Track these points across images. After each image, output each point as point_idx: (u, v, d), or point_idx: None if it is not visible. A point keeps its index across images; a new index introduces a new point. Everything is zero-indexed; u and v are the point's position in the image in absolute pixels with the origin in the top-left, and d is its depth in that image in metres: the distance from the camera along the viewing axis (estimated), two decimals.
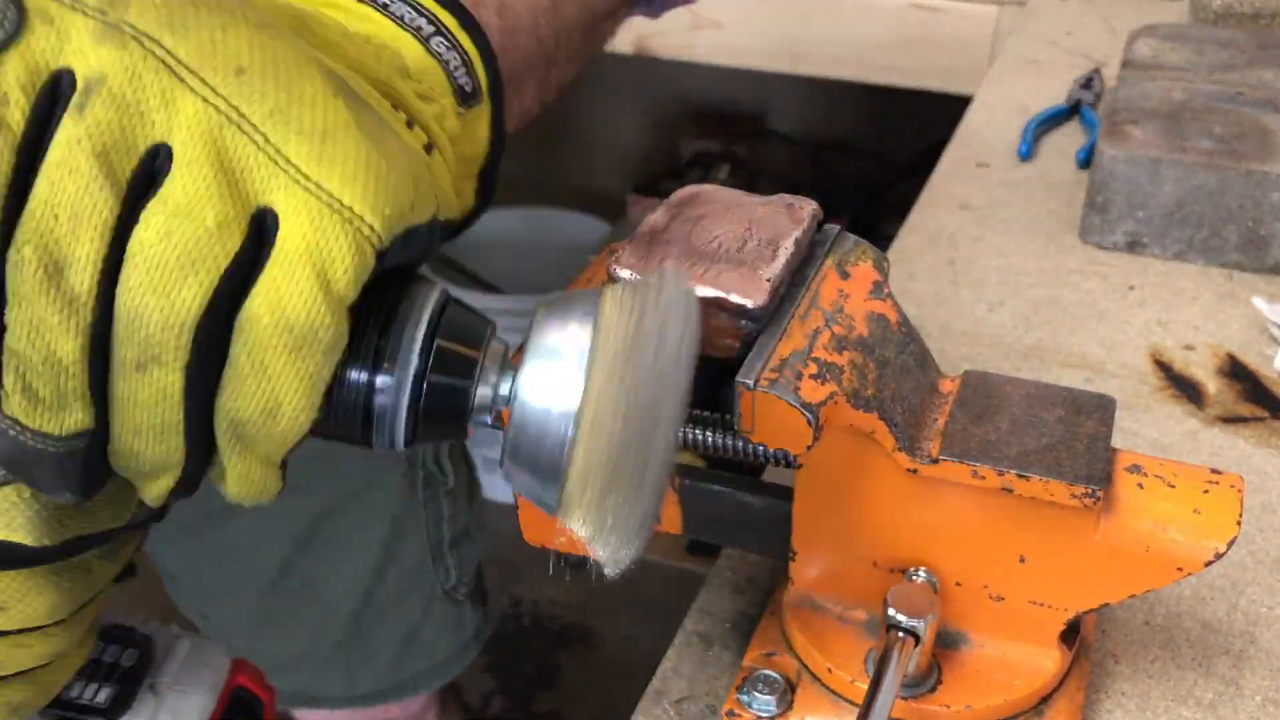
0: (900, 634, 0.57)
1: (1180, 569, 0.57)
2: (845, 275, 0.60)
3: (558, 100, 1.01)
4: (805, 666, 0.64)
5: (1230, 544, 0.56)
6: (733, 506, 0.65)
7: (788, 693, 0.63)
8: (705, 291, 0.53)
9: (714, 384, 0.58)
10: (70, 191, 0.36)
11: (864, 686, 0.60)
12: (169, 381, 0.38)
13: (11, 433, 0.37)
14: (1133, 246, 1.07)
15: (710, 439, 0.62)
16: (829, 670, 0.62)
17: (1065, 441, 0.57)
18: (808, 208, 0.59)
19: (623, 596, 1.36)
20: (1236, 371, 0.92)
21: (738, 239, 0.56)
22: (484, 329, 0.46)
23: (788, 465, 0.63)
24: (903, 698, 0.60)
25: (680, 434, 0.52)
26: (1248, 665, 0.68)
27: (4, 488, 0.41)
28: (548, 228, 2.65)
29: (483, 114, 0.55)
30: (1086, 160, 1.22)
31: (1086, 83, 1.37)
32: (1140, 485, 0.58)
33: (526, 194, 2.66)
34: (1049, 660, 0.62)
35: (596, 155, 2.89)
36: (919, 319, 0.64)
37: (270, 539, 1.05)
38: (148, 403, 0.38)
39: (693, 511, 0.66)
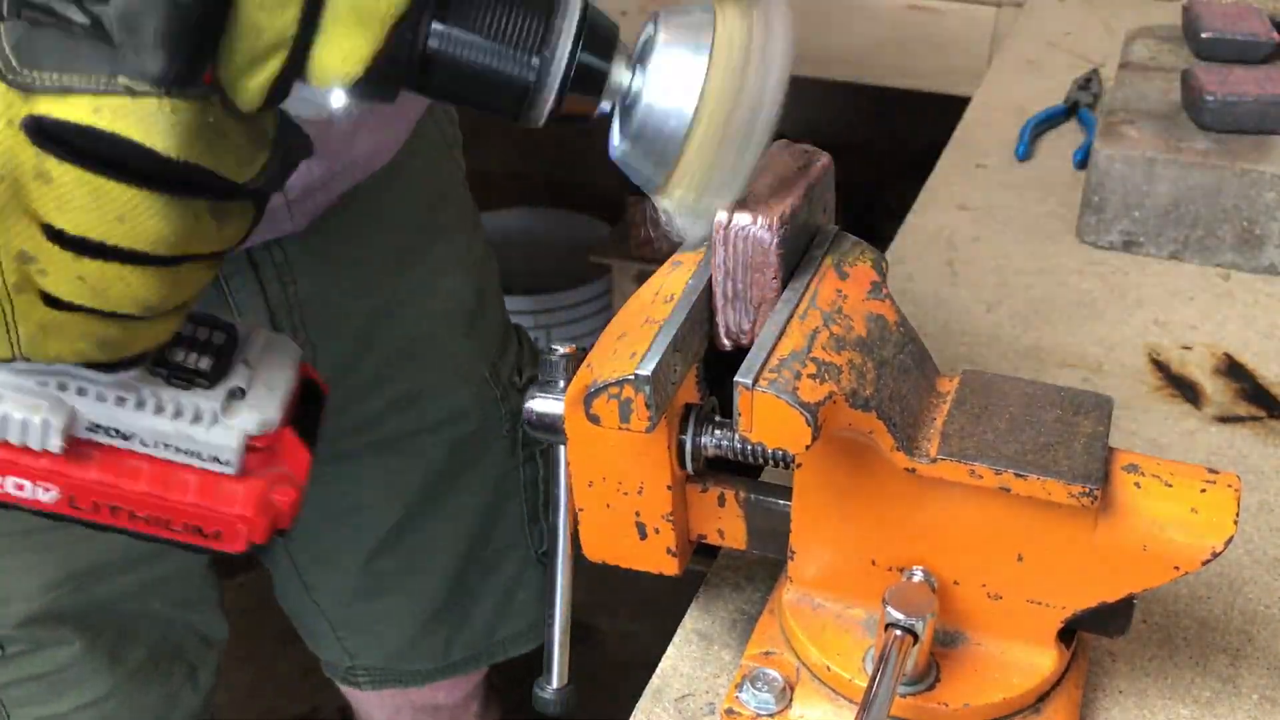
0: (899, 632, 0.57)
1: (1178, 568, 0.57)
2: (844, 275, 0.60)
3: None
4: (804, 664, 0.64)
5: (1227, 543, 0.56)
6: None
7: (787, 690, 0.63)
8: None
9: (716, 383, 0.59)
10: None
11: (863, 684, 0.61)
12: None
13: None
14: (1128, 246, 1.07)
15: (709, 439, 0.63)
16: (828, 668, 0.63)
17: (1063, 441, 0.57)
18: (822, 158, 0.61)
19: (623, 594, 1.36)
20: (1234, 371, 0.92)
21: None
22: (617, 30, 0.51)
23: (786, 465, 0.63)
24: (901, 695, 0.61)
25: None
26: (1245, 663, 0.68)
27: (150, 97, 0.43)
28: (548, 228, 2.65)
29: None
30: (1083, 160, 1.22)
31: (1084, 83, 1.38)
32: (1138, 484, 0.58)
33: (527, 194, 2.67)
34: (1047, 658, 0.62)
35: (596, 155, 2.89)
36: (917, 319, 0.65)
37: (387, 499, 1.06)
38: None
39: (758, 528, 0.66)
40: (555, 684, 0.70)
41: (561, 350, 0.64)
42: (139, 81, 0.42)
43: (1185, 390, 0.91)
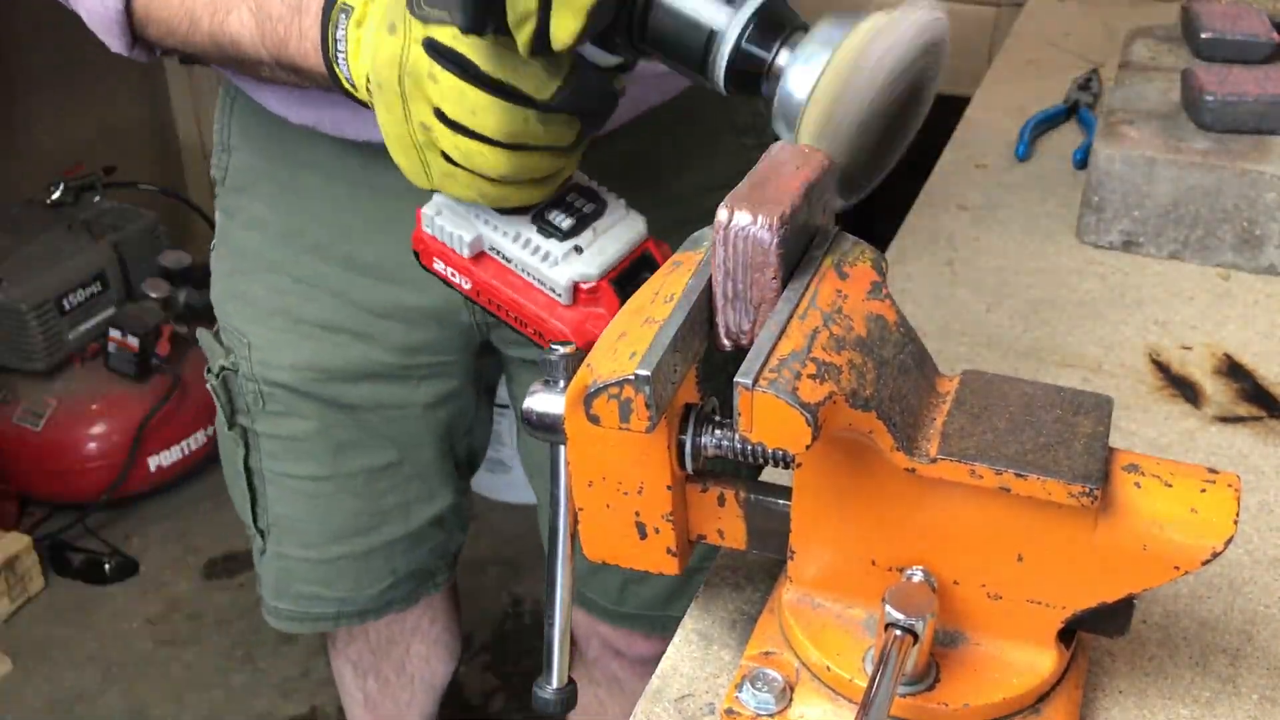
0: (899, 632, 0.57)
1: (1178, 568, 0.57)
2: (843, 275, 0.60)
3: None
4: (804, 664, 0.64)
5: (1227, 543, 0.56)
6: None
7: (787, 690, 0.63)
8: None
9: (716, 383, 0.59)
10: None
11: (863, 684, 0.61)
12: None
13: None
14: (1128, 246, 1.07)
15: (709, 439, 0.63)
16: (828, 668, 0.63)
17: (1063, 441, 0.57)
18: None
19: None
20: (1233, 371, 0.92)
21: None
22: (794, 21, 0.66)
23: (786, 465, 0.63)
24: (901, 695, 0.61)
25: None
26: (1245, 663, 0.68)
27: (490, 36, 0.64)
28: None
29: None
30: (1083, 160, 1.22)
31: (1084, 83, 1.38)
32: (1138, 484, 0.58)
33: None
34: (1047, 658, 0.62)
35: None
36: (917, 319, 0.65)
37: None
38: None
39: (757, 527, 0.66)
40: (555, 684, 0.70)
41: (562, 350, 0.64)
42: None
43: (1185, 390, 0.91)
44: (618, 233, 0.76)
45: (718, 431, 0.62)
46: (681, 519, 0.64)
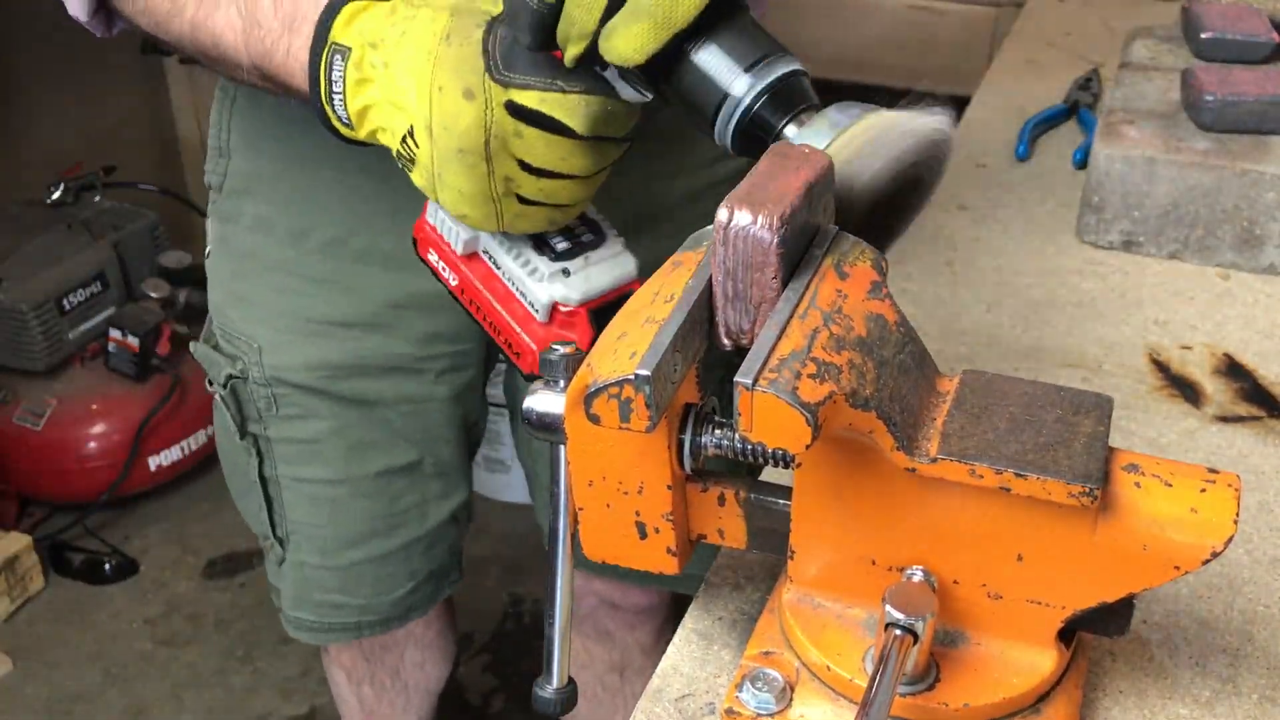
0: (899, 632, 0.57)
1: (1178, 567, 0.57)
2: (843, 275, 0.60)
3: None
4: (804, 664, 0.64)
5: (1227, 543, 0.56)
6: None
7: (787, 690, 0.63)
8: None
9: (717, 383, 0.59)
10: None
11: (863, 684, 0.61)
12: None
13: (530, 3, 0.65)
14: (1128, 246, 1.07)
15: (709, 438, 0.63)
16: (828, 668, 0.63)
17: (1063, 441, 0.57)
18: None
19: None
20: (1234, 371, 0.93)
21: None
22: (808, 99, 0.68)
23: (786, 465, 0.63)
24: (901, 695, 0.61)
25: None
26: (1244, 663, 0.68)
27: (576, 94, 0.67)
28: None
29: None
30: (1083, 160, 1.22)
31: (1084, 83, 1.38)
32: (1138, 484, 0.58)
33: None
34: (1047, 658, 0.62)
35: None
36: (917, 319, 0.65)
37: None
38: None
39: (757, 526, 0.66)
40: (555, 684, 0.69)
41: (562, 349, 0.64)
42: (571, 84, 0.67)
43: (1185, 390, 0.91)
44: (608, 267, 0.77)
45: (717, 431, 0.62)
46: (681, 519, 0.64)
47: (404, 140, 0.72)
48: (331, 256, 1.04)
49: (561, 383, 0.64)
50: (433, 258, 0.82)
